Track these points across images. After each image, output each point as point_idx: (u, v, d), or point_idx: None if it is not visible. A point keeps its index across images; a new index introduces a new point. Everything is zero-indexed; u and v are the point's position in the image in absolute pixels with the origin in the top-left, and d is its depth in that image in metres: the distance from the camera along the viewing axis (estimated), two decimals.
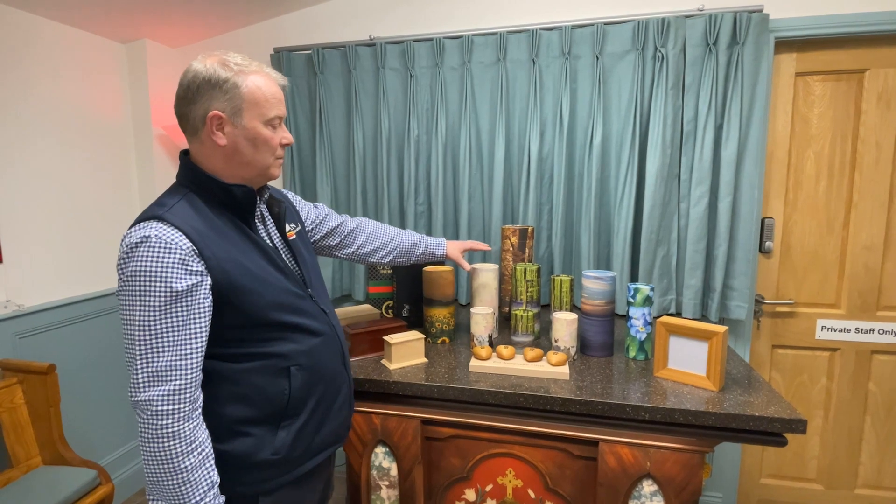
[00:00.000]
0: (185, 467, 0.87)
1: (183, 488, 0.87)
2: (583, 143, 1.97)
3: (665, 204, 1.88)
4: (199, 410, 0.90)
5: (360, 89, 2.14)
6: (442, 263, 1.56)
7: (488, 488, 1.39)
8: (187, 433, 0.87)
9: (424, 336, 1.52)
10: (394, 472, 1.40)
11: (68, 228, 2.09)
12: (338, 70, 2.16)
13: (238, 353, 0.96)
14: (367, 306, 1.79)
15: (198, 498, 0.88)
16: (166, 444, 0.85)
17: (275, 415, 0.99)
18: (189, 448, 0.87)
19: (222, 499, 0.93)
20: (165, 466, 0.86)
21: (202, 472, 0.89)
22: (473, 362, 1.40)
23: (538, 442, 1.32)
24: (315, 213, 1.37)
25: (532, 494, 1.36)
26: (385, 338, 1.45)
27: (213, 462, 0.92)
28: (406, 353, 1.44)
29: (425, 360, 1.47)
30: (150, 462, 0.87)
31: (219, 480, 0.93)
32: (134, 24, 2.12)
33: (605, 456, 1.23)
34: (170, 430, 0.85)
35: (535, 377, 1.35)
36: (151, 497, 0.90)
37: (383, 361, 1.46)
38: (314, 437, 1.05)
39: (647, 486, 1.22)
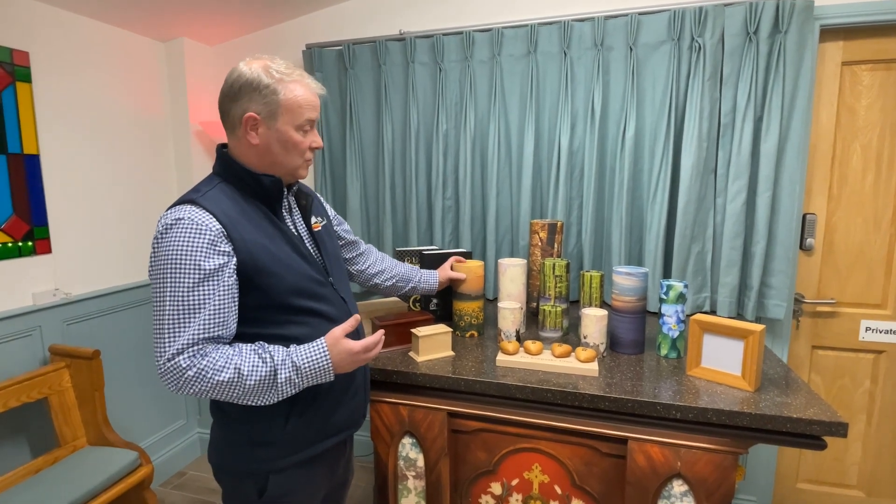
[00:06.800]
0: (227, 381, 0.91)
1: (252, 393, 0.94)
2: (615, 137, 1.93)
3: (700, 199, 1.83)
4: (209, 347, 0.92)
5: (390, 84, 2.15)
6: (433, 291, 1.62)
7: (514, 483, 1.39)
8: (207, 364, 0.90)
9: (452, 329, 1.53)
10: (420, 463, 1.41)
11: (112, 221, 2.18)
12: (368, 65, 2.18)
13: (257, 334, 1.00)
14: (394, 299, 1.80)
15: (266, 386, 0.94)
16: (200, 386, 0.91)
17: (289, 396, 1.02)
18: (219, 368, 0.91)
19: (288, 368, 0.95)
20: (222, 394, 0.92)
21: (249, 372, 0.92)
22: (500, 357, 1.40)
23: (565, 438, 1.31)
24: (338, 220, 1.42)
25: (559, 490, 1.35)
26: (413, 330, 1.46)
27: (251, 358, 0.94)
28: (433, 345, 1.45)
29: (452, 353, 1.48)
30: (218, 398, 0.93)
31: (275, 359, 0.95)
32: (173, 23, 2.19)
33: (635, 454, 1.22)
34: (190, 373, 0.89)
35: (563, 373, 1.34)
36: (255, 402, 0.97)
37: (411, 354, 1.48)
38: (327, 421, 1.09)
39: (678, 487, 1.20)
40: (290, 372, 0.95)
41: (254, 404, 0.95)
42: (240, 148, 1.03)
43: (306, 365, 0.96)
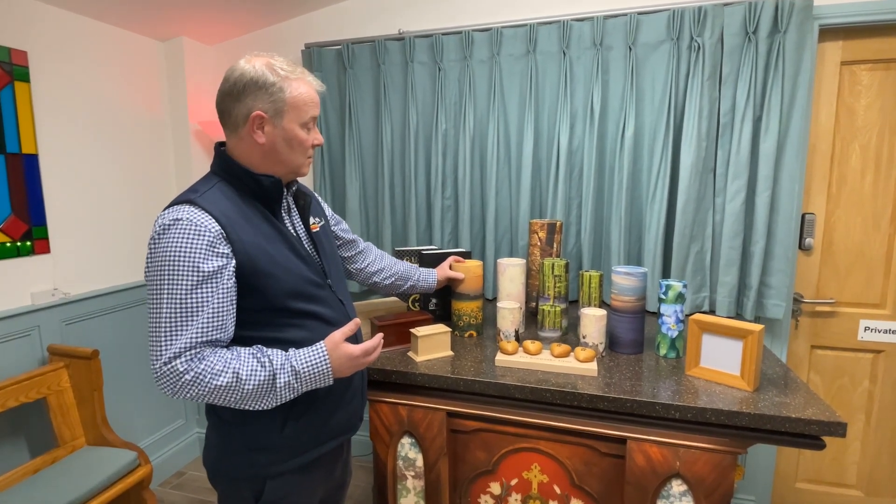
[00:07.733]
0: (225, 386, 0.90)
1: (250, 398, 0.93)
2: (614, 136, 1.93)
3: (699, 199, 1.83)
4: (207, 350, 0.91)
5: (389, 83, 2.15)
6: (431, 290, 1.62)
7: (514, 482, 1.39)
8: (204, 368, 0.89)
9: (451, 329, 1.53)
10: (419, 462, 1.41)
11: (111, 220, 2.17)
12: (367, 65, 2.17)
13: (254, 337, 0.99)
14: (393, 299, 1.80)
15: (265, 391, 0.93)
16: (197, 391, 0.89)
17: (287, 401, 1.01)
18: (217, 373, 0.89)
19: (287, 373, 0.95)
20: (220, 398, 0.91)
21: (247, 376, 0.91)
22: (499, 356, 1.40)
23: (564, 438, 1.31)
24: (336, 219, 1.42)
25: (558, 490, 1.35)
26: (412, 330, 1.46)
27: (250, 362, 0.92)
28: (432, 345, 1.45)
29: (451, 353, 1.48)
30: (216, 402, 0.92)
31: (274, 363, 0.94)
32: (172, 22, 2.18)
33: (634, 454, 1.22)
34: (187, 377, 0.88)
35: (562, 373, 1.34)
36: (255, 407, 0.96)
37: (410, 354, 1.48)
38: (324, 425, 1.08)
39: (677, 486, 1.20)
40: (289, 376, 0.94)
41: (251, 409, 0.94)
42: (241, 147, 1.02)
43: (306, 369, 0.95)
